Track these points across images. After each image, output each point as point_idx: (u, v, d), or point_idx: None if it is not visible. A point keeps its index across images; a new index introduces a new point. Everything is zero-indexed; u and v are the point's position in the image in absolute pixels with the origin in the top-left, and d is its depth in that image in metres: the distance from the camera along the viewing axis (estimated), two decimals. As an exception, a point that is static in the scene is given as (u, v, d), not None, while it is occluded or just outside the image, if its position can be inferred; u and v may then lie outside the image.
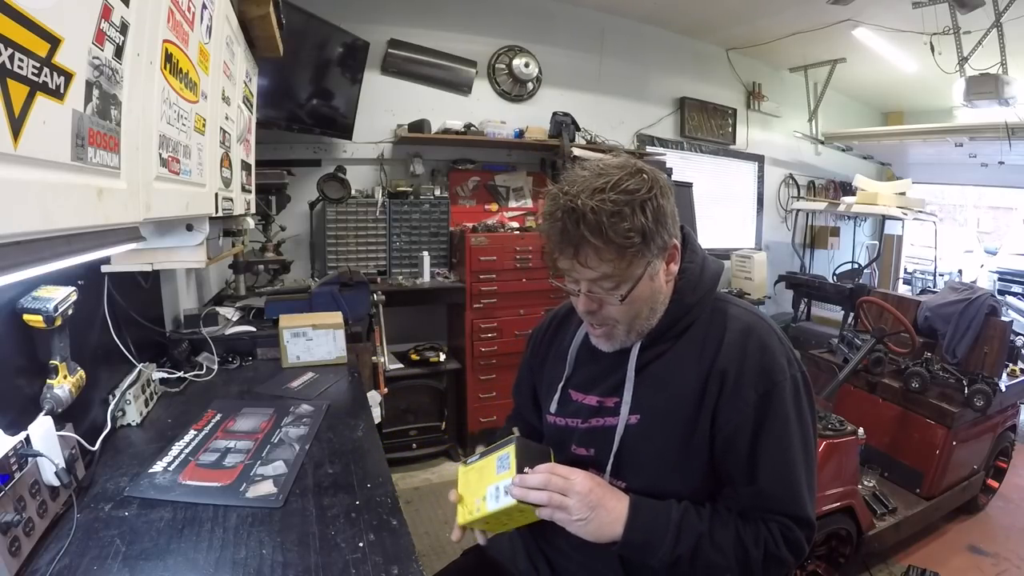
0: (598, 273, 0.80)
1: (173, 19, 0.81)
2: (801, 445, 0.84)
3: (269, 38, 1.62)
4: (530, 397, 1.12)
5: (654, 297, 0.86)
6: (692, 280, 0.89)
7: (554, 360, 1.04)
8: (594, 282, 0.82)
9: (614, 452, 0.88)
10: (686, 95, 4.43)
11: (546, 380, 1.04)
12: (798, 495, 0.84)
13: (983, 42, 3.41)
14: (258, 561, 0.83)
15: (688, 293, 0.88)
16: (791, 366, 0.85)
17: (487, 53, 3.63)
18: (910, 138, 4.88)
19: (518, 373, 1.17)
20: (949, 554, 2.38)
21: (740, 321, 0.88)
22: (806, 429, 0.85)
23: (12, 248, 0.46)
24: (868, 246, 5.88)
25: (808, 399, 0.87)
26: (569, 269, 0.83)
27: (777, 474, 0.83)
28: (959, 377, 2.40)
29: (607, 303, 0.84)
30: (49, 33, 0.46)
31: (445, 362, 3.13)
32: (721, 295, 0.94)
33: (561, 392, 0.98)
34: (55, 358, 1.01)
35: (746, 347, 0.84)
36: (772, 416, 0.82)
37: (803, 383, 0.86)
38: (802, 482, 0.84)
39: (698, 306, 0.89)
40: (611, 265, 0.79)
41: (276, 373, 1.72)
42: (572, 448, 0.95)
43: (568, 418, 0.96)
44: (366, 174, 3.34)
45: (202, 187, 1.04)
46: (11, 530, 0.75)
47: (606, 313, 0.85)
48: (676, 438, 0.85)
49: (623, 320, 0.86)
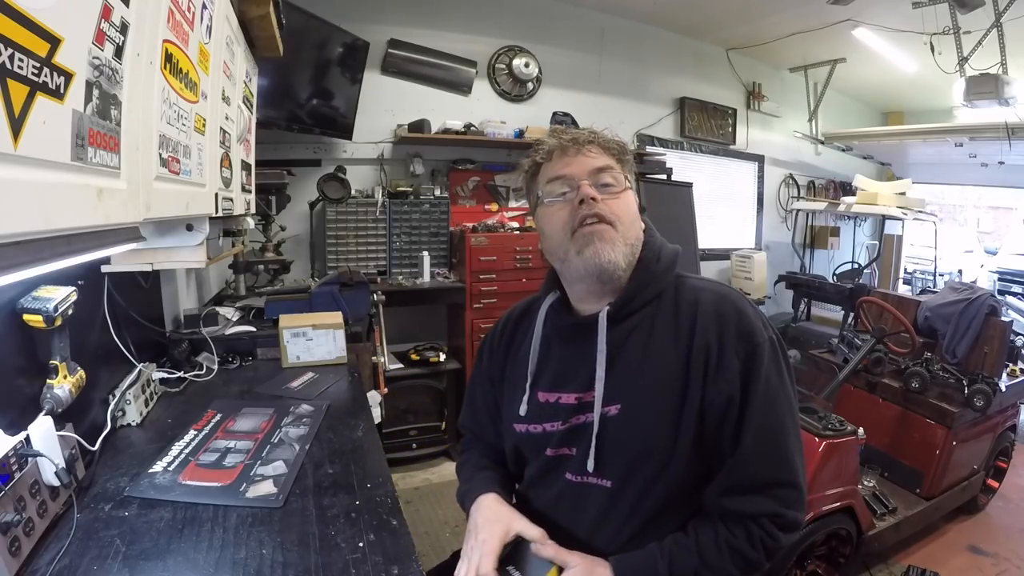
0: (601, 163, 0.89)
1: (173, 19, 0.81)
2: (787, 407, 0.84)
3: (269, 38, 1.62)
4: (490, 417, 1.07)
5: (637, 220, 0.91)
6: (655, 251, 0.92)
7: (514, 364, 1.00)
8: (597, 171, 0.88)
9: (593, 447, 0.85)
10: (686, 95, 4.43)
11: (508, 389, 1.00)
12: (788, 459, 0.83)
13: (983, 42, 3.41)
14: (258, 561, 0.83)
15: (652, 261, 0.91)
16: (766, 328, 0.86)
17: (487, 53, 3.63)
18: (910, 138, 4.89)
19: (468, 397, 1.13)
20: (949, 554, 2.38)
21: (709, 292, 0.88)
22: (787, 391, 0.85)
23: (12, 248, 0.46)
24: (868, 246, 5.87)
25: (785, 361, 0.87)
26: (568, 167, 0.89)
27: (766, 438, 0.82)
28: (959, 377, 2.40)
29: (611, 194, 0.88)
30: (49, 33, 0.46)
31: (445, 362, 3.13)
32: (681, 272, 0.94)
33: (530, 393, 0.94)
34: (55, 358, 1.01)
35: (723, 315, 0.85)
36: (755, 379, 0.82)
37: (779, 344, 0.87)
38: (791, 445, 0.84)
39: (663, 275, 0.90)
40: (611, 159, 0.90)
41: (276, 373, 1.72)
42: (547, 452, 0.92)
43: (544, 423, 0.92)
44: (366, 174, 3.34)
45: (202, 187, 1.04)
46: (11, 530, 0.75)
47: (609, 207, 0.87)
48: (664, 424, 0.83)
49: (623, 217, 0.87)
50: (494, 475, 1.01)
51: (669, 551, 0.82)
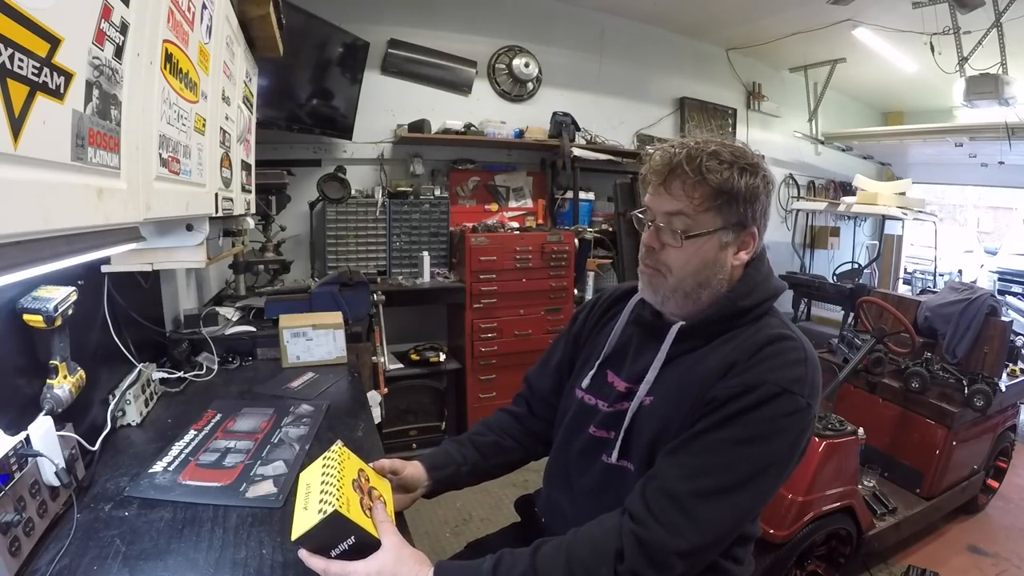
0: (675, 207, 0.84)
1: (173, 19, 0.81)
2: (727, 467, 0.75)
3: (269, 38, 1.62)
4: (556, 376, 1.10)
5: (712, 267, 0.86)
6: (750, 284, 0.88)
7: (598, 335, 1.05)
8: (669, 215, 0.85)
9: (624, 429, 0.89)
10: (686, 95, 4.43)
11: (584, 354, 1.05)
12: (683, 518, 0.74)
13: (983, 42, 3.41)
14: (258, 561, 0.83)
15: (743, 295, 0.87)
16: (796, 384, 0.78)
17: (487, 53, 3.63)
18: (910, 138, 4.88)
19: (546, 353, 1.15)
20: (949, 554, 2.38)
21: (775, 331, 0.85)
22: (756, 451, 0.76)
23: (12, 248, 0.46)
24: (868, 246, 5.87)
25: (793, 430, 0.78)
26: (651, 201, 0.88)
27: (683, 476, 0.76)
28: (959, 377, 2.40)
29: (669, 245, 0.86)
30: (49, 33, 0.46)
31: (445, 362, 3.13)
32: (775, 311, 0.91)
33: (597, 369, 0.99)
34: (55, 358, 1.01)
35: (762, 347, 0.81)
36: (725, 412, 0.77)
37: (793, 409, 0.77)
38: (707, 494, 0.75)
39: (748, 313, 0.87)
40: (690, 203, 0.83)
41: (276, 373, 1.72)
42: (590, 430, 0.96)
43: (597, 398, 0.97)
44: (366, 174, 3.34)
45: (202, 187, 1.04)
46: (11, 530, 0.75)
47: (663, 257, 0.87)
48: (677, 420, 0.83)
49: (676, 270, 0.87)
50: (462, 444, 1.07)
51: (499, 555, 0.77)
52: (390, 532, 0.76)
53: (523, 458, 1.12)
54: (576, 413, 1.00)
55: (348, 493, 0.76)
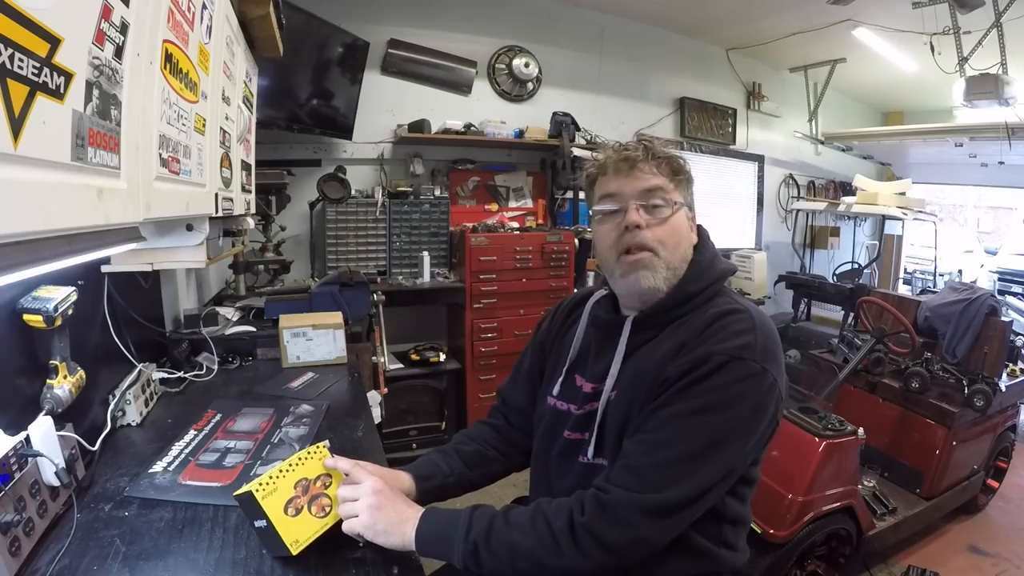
0: (651, 184, 0.88)
1: (173, 19, 0.81)
2: (685, 438, 0.78)
3: (269, 38, 1.62)
4: (529, 386, 1.12)
5: (687, 241, 0.92)
6: (697, 270, 0.92)
7: (561, 344, 1.06)
8: (647, 192, 0.88)
9: (596, 425, 0.91)
10: (686, 95, 4.43)
11: (551, 361, 1.07)
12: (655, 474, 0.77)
13: (983, 42, 3.41)
14: (258, 561, 0.83)
15: (691, 280, 0.91)
16: (745, 351, 0.79)
17: (487, 53, 3.63)
18: (910, 138, 4.89)
19: (515, 365, 1.17)
20: (949, 554, 2.38)
21: (722, 308, 0.87)
22: (713, 420, 0.78)
23: (12, 248, 0.46)
24: (868, 246, 5.87)
25: (751, 395, 0.79)
26: (619, 188, 0.90)
27: (643, 451, 0.79)
28: (959, 377, 2.40)
29: (651, 224, 0.88)
30: (49, 33, 0.46)
31: (445, 362, 3.13)
32: (727, 290, 0.94)
33: (565, 375, 1.01)
34: (55, 358, 1.01)
35: (710, 324, 0.84)
36: (677, 388, 0.80)
37: (745, 374, 0.78)
38: (667, 464, 0.77)
39: (697, 296, 0.90)
40: (663, 180, 0.89)
41: (276, 373, 1.72)
42: (565, 434, 0.97)
43: (568, 403, 0.99)
44: (366, 174, 3.34)
45: (202, 187, 1.04)
46: (11, 530, 0.75)
47: (650, 235, 0.88)
48: (637, 407, 0.85)
49: (668, 244, 0.89)
50: (447, 454, 1.07)
51: (479, 504, 0.86)
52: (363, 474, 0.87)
53: (505, 468, 1.11)
54: (550, 420, 1.01)
55: (281, 485, 0.82)
